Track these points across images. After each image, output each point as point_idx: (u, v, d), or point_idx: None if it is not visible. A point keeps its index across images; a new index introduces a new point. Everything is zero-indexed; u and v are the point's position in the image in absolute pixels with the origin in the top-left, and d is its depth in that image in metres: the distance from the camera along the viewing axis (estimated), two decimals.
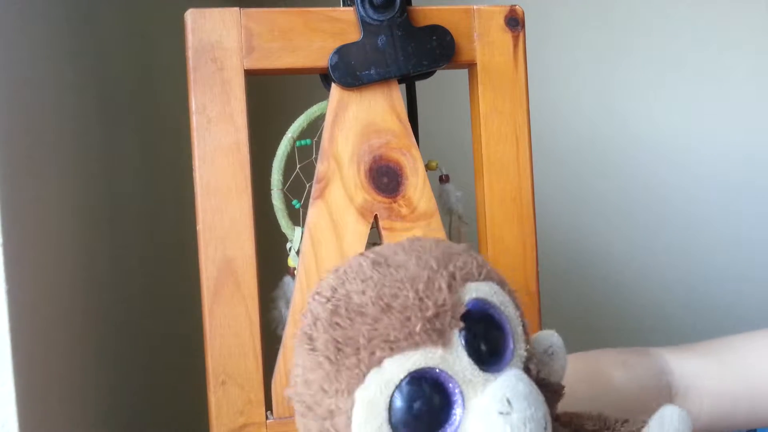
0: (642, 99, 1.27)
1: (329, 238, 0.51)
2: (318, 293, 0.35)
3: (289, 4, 0.53)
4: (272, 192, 0.53)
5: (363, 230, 0.52)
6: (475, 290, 0.33)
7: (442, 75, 0.55)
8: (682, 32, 1.26)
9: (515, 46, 0.54)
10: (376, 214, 0.52)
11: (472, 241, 0.50)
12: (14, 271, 0.48)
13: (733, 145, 1.26)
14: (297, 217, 0.53)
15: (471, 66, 0.54)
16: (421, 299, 0.31)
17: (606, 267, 1.25)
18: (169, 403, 0.82)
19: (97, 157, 0.67)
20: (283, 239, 0.54)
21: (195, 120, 0.50)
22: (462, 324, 0.32)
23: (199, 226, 0.50)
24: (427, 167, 0.54)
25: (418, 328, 0.31)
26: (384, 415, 0.30)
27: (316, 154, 0.52)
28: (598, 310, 1.25)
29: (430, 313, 0.31)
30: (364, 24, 0.51)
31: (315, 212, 0.51)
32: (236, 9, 0.50)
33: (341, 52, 0.51)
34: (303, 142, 0.53)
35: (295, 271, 0.53)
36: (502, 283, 0.35)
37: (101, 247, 0.66)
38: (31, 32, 0.55)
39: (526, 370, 0.34)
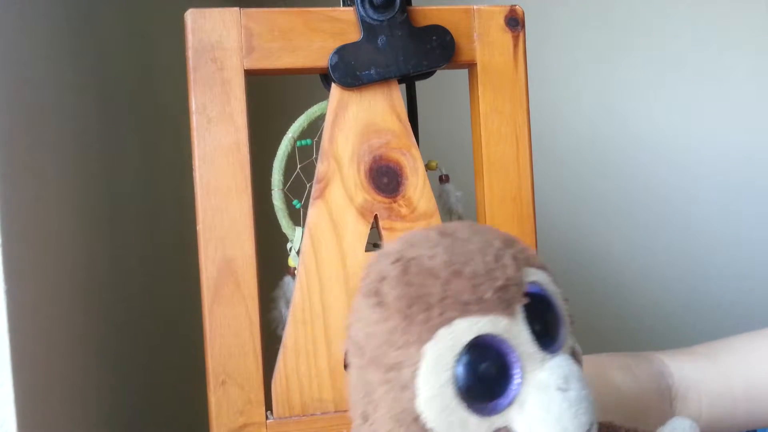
0: (642, 99, 1.27)
1: (329, 238, 0.51)
2: (384, 254, 0.35)
3: (289, 4, 0.53)
4: (273, 192, 0.53)
5: (363, 230, 0.52)
6: (534, 274, 0.34)
7: (442, 75, 0.55)
8: (682, 32, 1.26)
9: (515, 46, 0.54)
10: (376, 214, 0.52)
11: None
12: (14, 271, 0.48)
13: (733, 145, 1.26)
14: (297, 217, 0.53)
15: (471, 66, 0.54)
16: (490, 270, 0.33)
17: (606, 267, 1.25)
18: (169, 403, 0.82)
19: (97, 157, 0.67)
20: (283, 239, 0.54)
21: (195, 120, 0.50)
22: (526, 300, 0.33)
23: (199, 226, 0.50)
24: (427, 167, 0.55)
25: (488, 295, 0.32)
26: (449, 372, 0.31)
27: (317, 154, 0.52)
28: (597, 310, 1.25)
29: (499, 283, 0.32)
30: (364, 24, 0.51)
31: (315, 212, 0.51)
32: (236, 9, 0.50)
33: (341, 52, 0.51)
34: (303, 142, 0.53)
35: (296, 271, 0.53)
36: (552, 276, 0.37)
37: (101, 247, 0.66)
38: (31, 32, 0.55)
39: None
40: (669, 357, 0.53)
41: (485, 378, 0.32)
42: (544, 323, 0.33)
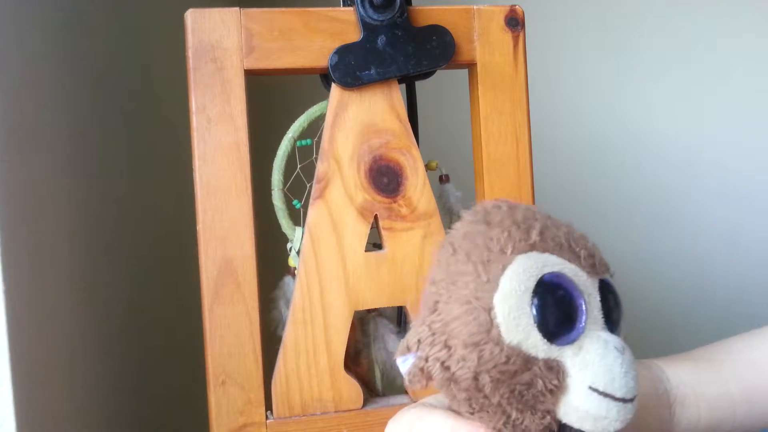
0: (642, 99, 1.27)
1: (329, 238, 0.51)
2: (493, 203, 0.38)
3: (289, 4, 0.53)
4: (273, 192, 0.53)
5: (363, 230, 0.52)
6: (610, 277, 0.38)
7: (442, 75, 0.55)
8: (682, 32, 1.26)
9: (515, 46, 0.54)
10: (376, 214, 0.52)
11: None
12: (14, 271, 0.48)
13: (733, 144, 1.26)
14: (297, 217, 0.53)
15: (471, 66, 0.54)
16: (584, 242, 0.37)
17: None
18: (169, 403, 0.82)
19: (97, 157, 0.67)
20: (283, 239, 0.54)
21: (195, 120, 0.50)
22: (605, 276, 0.36)
23: (199, 226, 0.50)
24: (427, 167, 0.55)
25: (580, 252, 0.36)
26: (532, 283, 0.34)
27: (317, 154, 0.52)
28: None
29: (590, 251, 0.36)
30: (364, 24, 0.51)
31: (315, 212, 0.51)
32: (236, 9, 0.50)
33: (341, 52, 0.51)
34: (303, 142, 0.53)
35: (296, 271, 0.53)
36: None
37: (101, 247, 0.66)
38: (30, 32, 0.55)
39: None
40: (665, 362, 0.52)
41: (558, 305, 0.34)
42: (612, 308, 0.36)
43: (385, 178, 0.52)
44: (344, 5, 0.52)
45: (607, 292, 0.36)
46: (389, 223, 0.52)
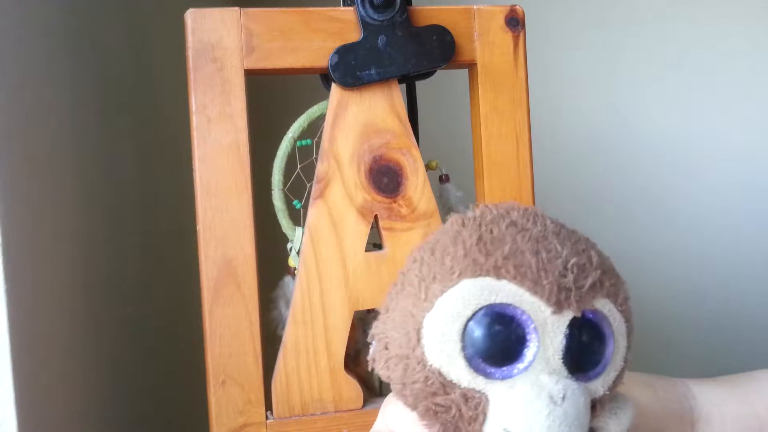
0: (642, 99, 1.27)
1: (329, 238, 0.51)
2: (486, 207, 0.37)
3: (289, 4, 0.53)
4: (273, 192, 0.53)
5: (363, 230, 0.52)
6: (604, 307, 0.34)
7: (442, 75, 0.55)
8: (681, 32, 1.26)
9: (515, 46, 0.54)
10: (376, 214, 0.52)
11: None
12: (14, 271, 0.48)
13: (733, 145, 1.26)
14: (297, 217, 0.53)
15: (471, 66, 0.54)
16: (545, 271, 0.33)
17: None
18: (169, 403, 0.82)
19: (97, 156, 0.67)
20: (283, 239, 0.54)
21: (195, 120, 0.50)
22: (578, 317, 0.33)
23: (199, 226, 0.50)
24: (427, 167, 0.54)
25: (545, 279, 0.32)
26: (470, 310, 0.32)
27: (317, 154, 0.52)
28: None
29: (552, 287, 0.32)
30: (364, 24, 0.51)
31: (315, 212, 0.51)
32: (236, 9, 0.50)
33: (341, 52, 0.51)
34: (303, 142, 0.53)
35: (296, 271, 0.53)
36: (628, 322, 0.37)
37: (101, 246, 0.66)
38: (30, 31, 0.55)
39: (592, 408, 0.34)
40: (690, 381, 0.52)
41: (493, 339, 0.32)
42: (579, 350, 0.33)
43: (385, 178, 0.52)
44: (344, 5, 0.52)
45: (579, 331, 0.32)
46: (389, 223, 0.52)
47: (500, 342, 0.32)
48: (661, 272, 1.27)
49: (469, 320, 0.32)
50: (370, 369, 0.37)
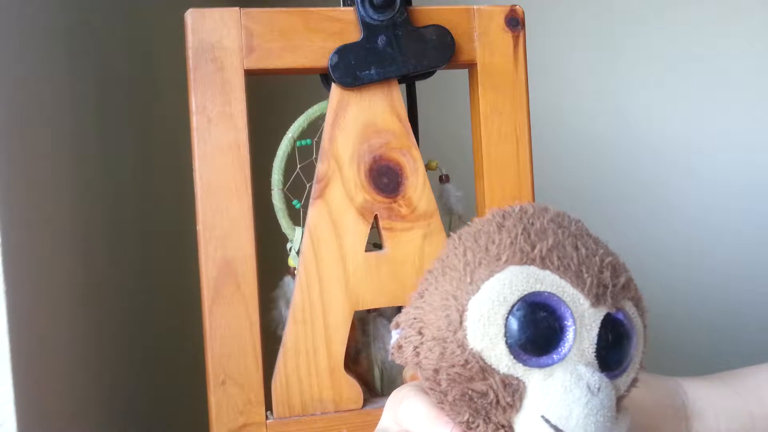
0: (642, 99, 1.27)
1: (329, 238, 0.51)
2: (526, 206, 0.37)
3: (289, 4, 0.53)
4: (273, 192, 0.53)
5: (363, 230, 0.52)
6: (629, 308, 0.35)
7: (442, 75, 0.55)
8: (682, 32, 1.26)
9: (515, 46, 0.54)
10: (376, 214, 0.52)
11: None
12: (14, 271, 0.48)
13: (733, 145, 1.26)
14: (297, 217, 0.53)
15: (471, 66, 0.54)
16: (599, 264, 0.34)
17: None
18: (169, 403, 0.82)
19: (97, 157, 0.67)
20: (283, 239, 0.54)
21: (195, 120, 0.50)
22: (610, 314, 0.33)
23: (199, 226, 0.50)
24: (427, 167, 0.54)
25: (585, 275, 0.33)
26: (512, 298, 0.32)
27: (317, 154, 0.52)
28: None
29: (593, 280, 0.33)
30: (364, 24, 0.51)
31: (315, 212, 0.51)
32: (236, 9, 0.50)
33: (341, 52, 0.51)
34: (303, 142, 0.53)
35: (296, 271, 0.53)
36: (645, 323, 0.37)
37: (101, 247, 0.66)
38: (30, 31, 0.55)
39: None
40: (682, 378, 0.53)
41: (536, 326, 0.32)
42: (608, 346, 0.34)
43: (385, 178, 0.52)
44: (344, 5, 0.52)
45: (610, 328, 0.33)
46: (389, 223, 0.52)
47: (542, 330, 0.32)
48: (661, 272, 1.27)
49: (513, 306, 0.32)
50: (390, 358, 0.37)
